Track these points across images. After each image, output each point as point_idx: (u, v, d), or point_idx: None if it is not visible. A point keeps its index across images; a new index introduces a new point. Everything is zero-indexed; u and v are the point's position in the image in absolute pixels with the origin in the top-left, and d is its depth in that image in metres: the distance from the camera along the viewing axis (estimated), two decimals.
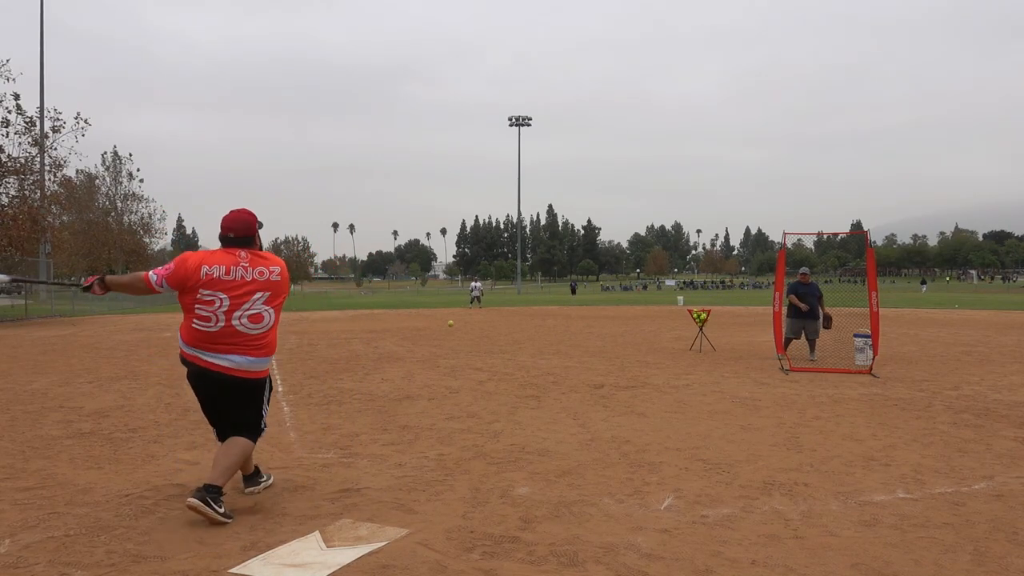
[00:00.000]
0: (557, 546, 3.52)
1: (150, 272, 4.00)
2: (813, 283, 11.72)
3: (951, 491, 4.44)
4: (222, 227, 4.06)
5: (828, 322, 11.60)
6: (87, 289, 4.05)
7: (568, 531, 3.73)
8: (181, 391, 8.43)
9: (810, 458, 5.25)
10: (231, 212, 4.12)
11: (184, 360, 4.07)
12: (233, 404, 4.14)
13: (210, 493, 3.80)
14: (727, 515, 3.99)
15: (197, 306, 3.93)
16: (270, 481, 4.55)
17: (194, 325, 3.95)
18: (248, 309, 3.96)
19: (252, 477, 4.46)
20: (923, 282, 76.08)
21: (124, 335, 17.50)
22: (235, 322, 3.94)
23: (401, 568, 3.25)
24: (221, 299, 3.91)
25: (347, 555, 3.40)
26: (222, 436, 4.23)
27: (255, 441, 4.22)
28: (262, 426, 4.29)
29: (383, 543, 3.55)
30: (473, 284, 38.80)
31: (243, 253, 4.02)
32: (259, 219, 4.24)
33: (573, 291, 66.05)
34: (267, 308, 4.03)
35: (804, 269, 11.88)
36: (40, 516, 3.97)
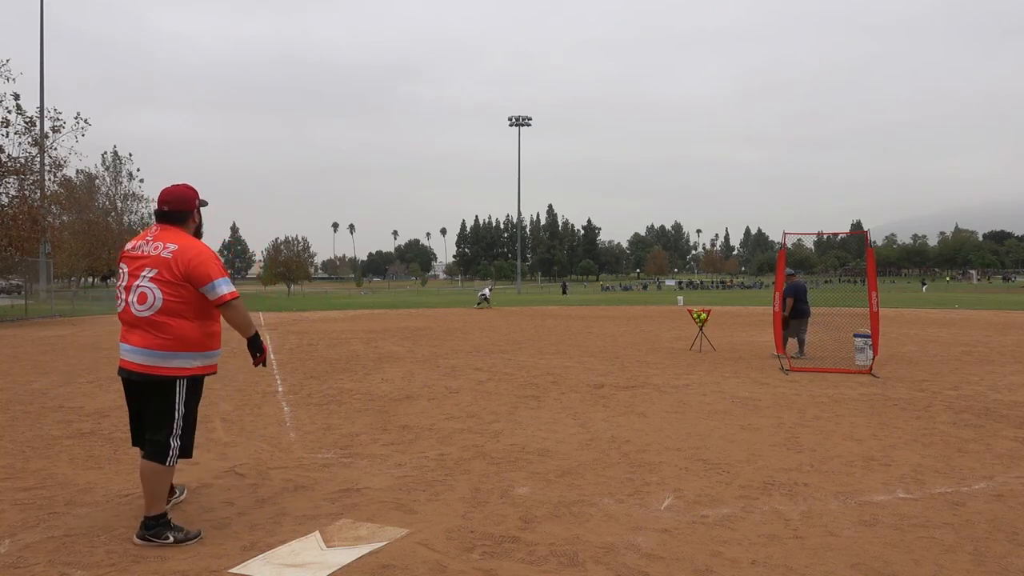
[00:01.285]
0: (557, 546, 3.52)
1: None
2: (796, 282, 11.78)
3: (951, 491, 4.44)
4: (157, 201, 3.81)
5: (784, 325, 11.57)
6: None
7: (568, 531, 3.73)
8: None
9: (810, 458, 5.25)
10: (169, 186, 3.86)
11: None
12: (144, 411, 3.68)
13: (148, 529, 3.54)
14: (727, 515, 3.99)
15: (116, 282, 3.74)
16: (181, 496, 4.15)
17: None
18: (138, 286, 3.59)
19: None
20: (923, 282, 75.88)
21: None
22: (129, 300, 3.61)
23: (401, 568, 3.25)
24: (123, 272, 3.67)
25: (347, 555, 3.40)
26: (137, 444, 3.86)
27: (166, 464, 3.58)
28: (169, 446, 3.58)
29: (383, 543, 3.55)
30: (484, 290, 38.49)
31: (156, 228, 3.74)
32: (202, 198, 3.93)
33: (564, 291, 65.46)
34: (152, 287, 3.54)
35: (788, 271, 11.78)
36: (40, 516, 3.97)
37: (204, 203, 3.96)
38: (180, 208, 3.79)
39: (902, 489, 4.48)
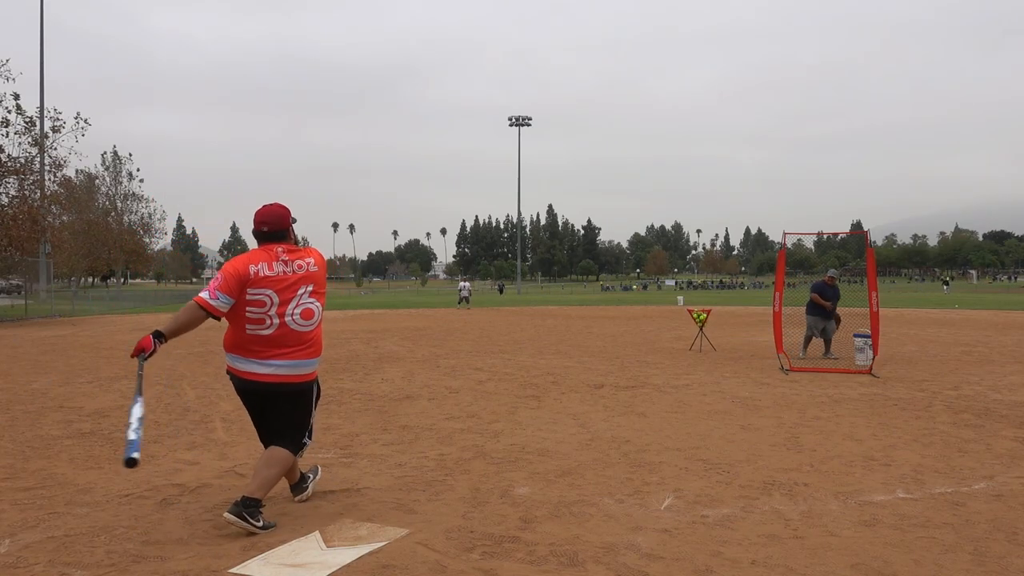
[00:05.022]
0: (557, 546, 3.52)
1: (200, 294, 3.67)
2: (836, 287, 12.02)
3: (951, 491, 4.44)
4: (255, 222, 3.88)
5: (836, 323, 11.87)
6: (149, 355, 3.57)
7: (568, 531, 3.73)
8: (181, 391, 8.43)
9: (810, 458, 5.25)
10: (263, 206, 3.93)
11: (230, 374, 3.92)
12: (280, 412, 3.94)
13: (247, 508, 3.65)
14: (727, 515, 3.99)
15: (248, 309, 3.72)
16: (318, 477, 4.44)
17: (248, 331, 3.75)
18: (298, 305, 3.78)
19: (298, 484, 4.26)
20: (946, 283, 68.05)
21: (124, 335, 17.50)
22: (288, 320, 3.75)
23: (401, 568, 3.25)
24: (271, 297, 3.72)
25: (347, 555, 3.40)
26: (265, 443, 4.05)
27: (297, 453, 3.99)
28: (306, 437, 4.05)
29: (383, 543, 3.55)
30: (462, 284, 36.68)
31: (279, 248, 3.83)
32: (292, 215, 4.07)
33: (500, 291, 63.14)
34: (313, 301, 3.83)
35: (832, 272, 12.19)
36: (40, 516, 3.97)
37: (294, 219, 4.11)
38: (279, 227, 3.89)
39: (902, 489, 4.48)
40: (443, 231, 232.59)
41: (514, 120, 76.57)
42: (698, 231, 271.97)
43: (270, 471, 3.81)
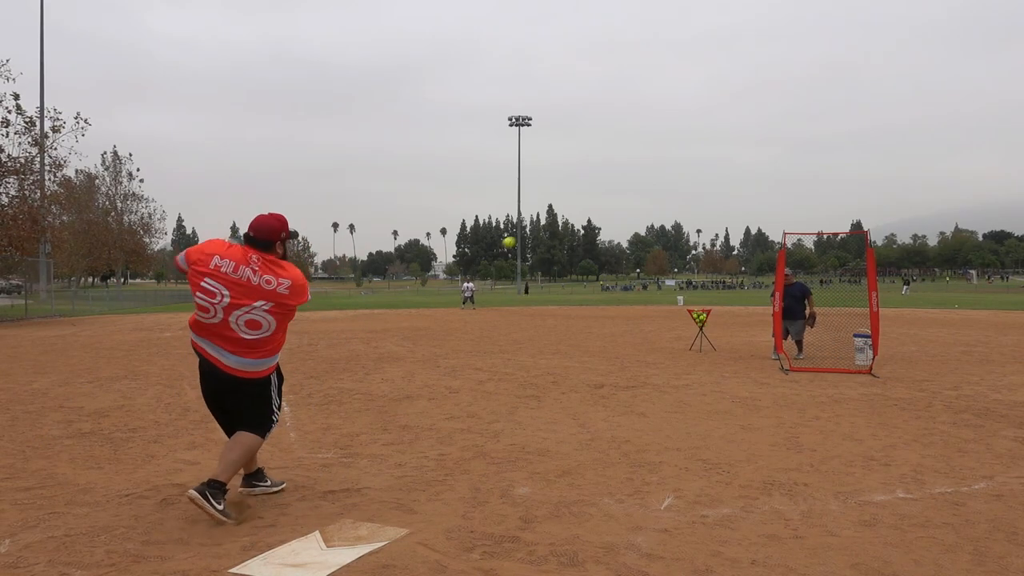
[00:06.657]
0: (557, 546, 3.52)
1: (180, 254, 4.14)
2: (796, 283, 11.68)
3: (951, 491, 4.44)
4: (248, 227, 4.10)
5: (811, 320, 11.52)
6: None
7: (568, 531, 3.73)
8: (181, 391, 8.43)
9: (810, 458, 5.25)
10: (261, 215, 4.13)
11: (193, 348, 4.14)
12: (235, 401, 4.13)
13: (210, 488, 3.79)
14: (727, 515, 3.99)
15: (198, 295, 3.92)
16: (276, 489, 4.44)
17: (196, 315, 4.01)
18: (247, 313, 3.92)
19: (251, 477, 4.38)
20: (906, 283, 66.65)
21: (124, 335, 17.50)
22: (232, 321, 3.91)
23: (401, 568, 3.25)
24: (223, 294, 3.88)
25: (347, 555, 3.40)
26: (227, 431, 4.24)
27: (264, 437, 4.17)
28: (271, 422, 4.23)
29: (383, 543, 3.55)
30: (465, 284, 37.01)
31: (255, 256, 3.98)
32: (291, 230, 4.20)
33: (526, 291, 63.68)
34: (267, 316, 3.96)
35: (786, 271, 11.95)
36: (40, 516, 3.97)
37: (292, 234, 4.25)
38: (265, 238, 4.06)
39: (902, 489, 4.48)
40: (443, 231, 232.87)
41: (514, 120, 76.57)
42: (698, 231, 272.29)
43: (233, 454, 3.99)
